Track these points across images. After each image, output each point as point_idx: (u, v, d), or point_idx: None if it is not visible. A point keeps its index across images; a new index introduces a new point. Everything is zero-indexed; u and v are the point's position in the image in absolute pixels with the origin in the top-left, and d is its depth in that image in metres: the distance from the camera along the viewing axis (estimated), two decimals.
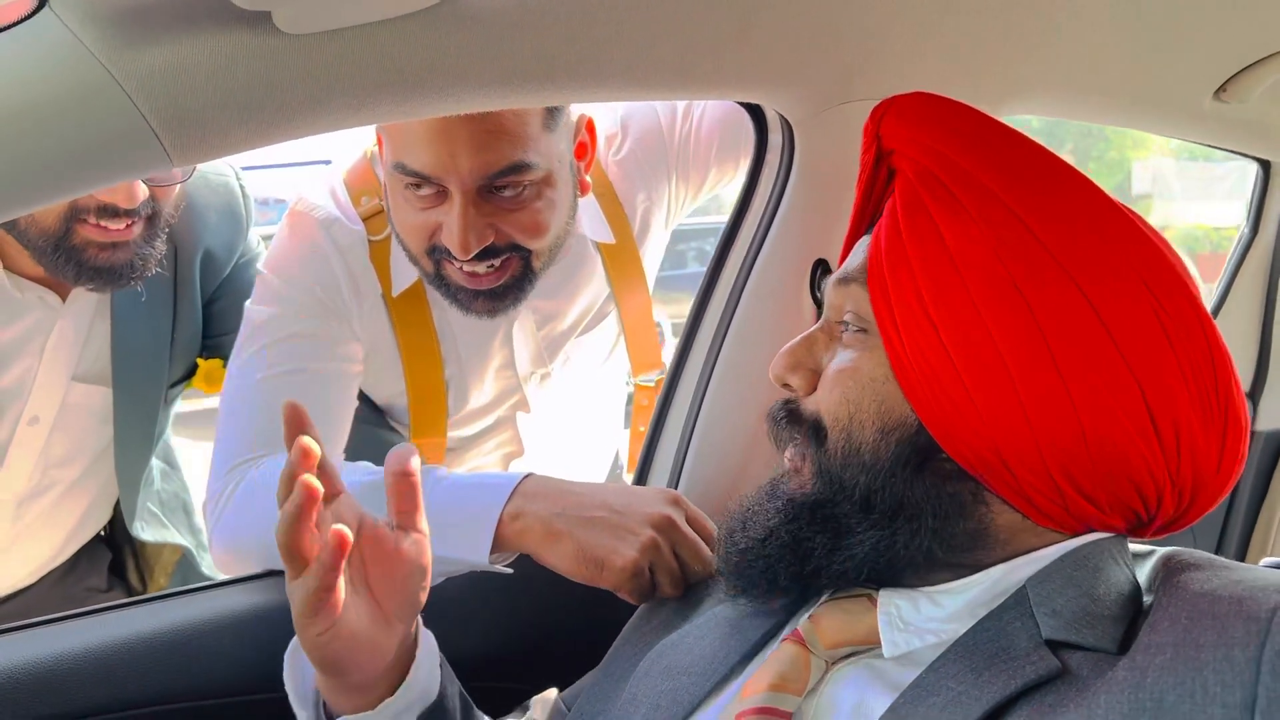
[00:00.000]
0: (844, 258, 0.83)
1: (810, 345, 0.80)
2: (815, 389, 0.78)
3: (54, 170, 0.73)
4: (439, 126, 1.10)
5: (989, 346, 0.70)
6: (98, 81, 0.70)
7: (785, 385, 0.80)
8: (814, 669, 0.73)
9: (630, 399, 1.58)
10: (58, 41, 0.69)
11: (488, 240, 1.16)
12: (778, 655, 0.74)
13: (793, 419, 0.79)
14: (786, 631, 0.77)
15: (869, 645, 0.74)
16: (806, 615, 0.77)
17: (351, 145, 1.35)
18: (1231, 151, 1.50)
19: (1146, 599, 0.70)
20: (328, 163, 1.35)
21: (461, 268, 1.19)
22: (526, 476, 1.04)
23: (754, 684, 0.73)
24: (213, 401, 1.28)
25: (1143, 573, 0.74)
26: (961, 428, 0.71)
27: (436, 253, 1.19)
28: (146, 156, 0.75)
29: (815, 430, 0.76)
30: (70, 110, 0.70)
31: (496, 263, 1.19)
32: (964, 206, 0.73)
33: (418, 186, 1.15)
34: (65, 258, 1.30)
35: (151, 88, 0.71)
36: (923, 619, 0.72)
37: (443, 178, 1.12)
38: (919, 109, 0.79)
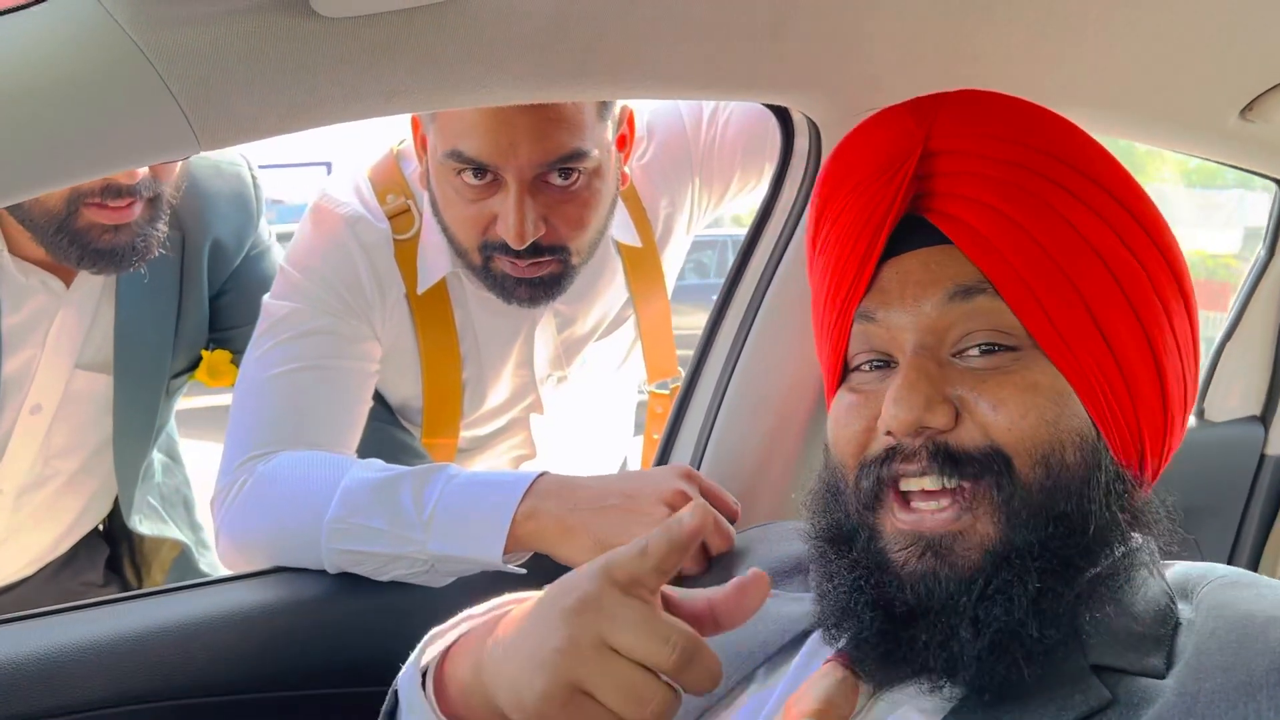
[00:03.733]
0: (864, 281, 0.74)
1: (930, 378, 0.68)
2: (957, 422, 0.68)
3: (81, 149, 0.72)
4: (498, 114, 1.09)
5: (1143, 339, 0.70)
6: (129, 60, 0.69)
7: (919, 430, 0.68)
8: (862, 694, 0.70)
9: (642, 407, 1.57)
10: (90, 17, 0.68)
11: (541, 231, 1.16)
12: (823, 678, 0.71)
13: (955, 459, 0.67)
14: (829, 650, 0.73)
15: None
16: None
17: (352, 148, 1.35)
18: (1253, 173, 1.49)
19: (1182, 608, 0.69)
20: (327, 164, 1.34)
21: (509, 258, 1.18)
22: (540, 475, 1.02)
23: (798, 705, 0.70)
24: (213, 399, 1.26)
25: (1170, 581, 0.73)
26: (1123, 428, 0.70)
27: (489, 248, 1.19)
28: (176, 138, 0.74)
29: (1000, 463, 0.67)
30: (101, 88, 0.69)
31: (541, 260, 1.19)
32: (1078, 198, 0.71)
33: (472, 175, 1.14)
34: (69, 240, 1.28)
35: (183, 67, 0.70)
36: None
37: (500, 165, 1.12)
38: (981, 105, 0.75)
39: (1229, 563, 1.75)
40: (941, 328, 0.71)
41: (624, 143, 1.26)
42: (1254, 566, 1.75)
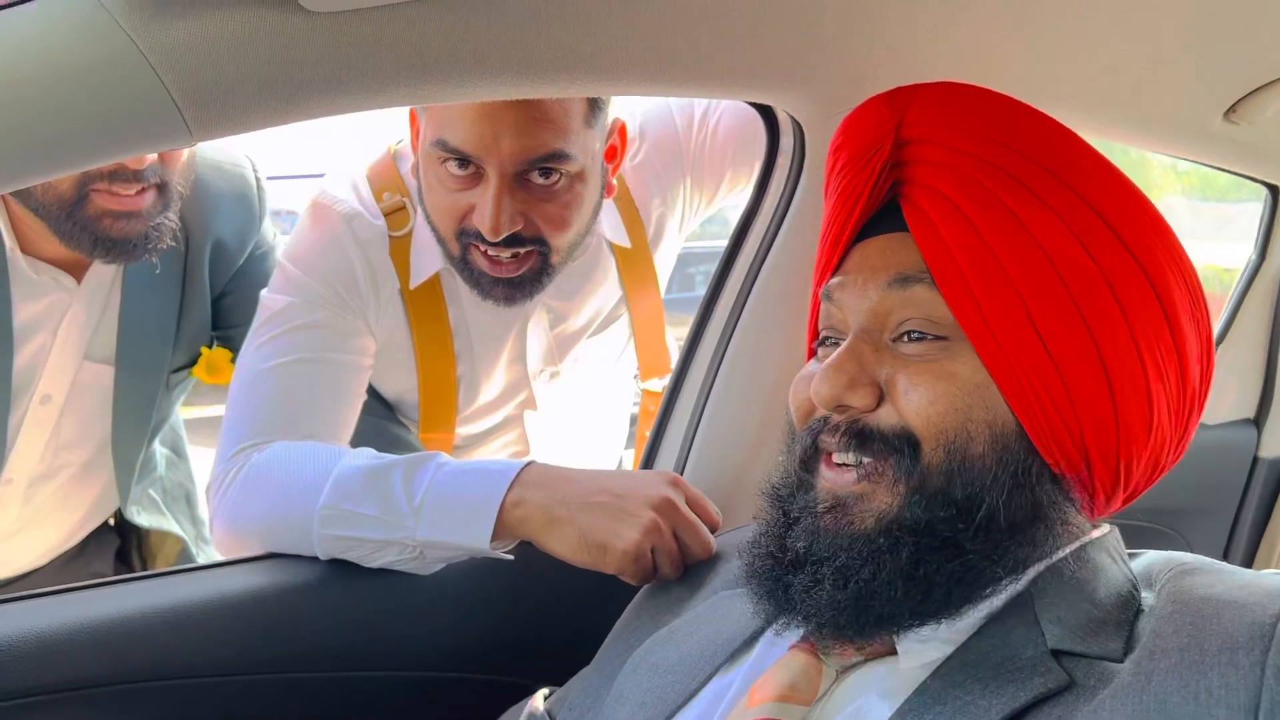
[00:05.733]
0: (834, 261, 0.78)
1: (859, 359, 0.72)
2: (880, 404, 0.72)
3: (76, 140, 0.74)
4: (485, 107, 1.12)
5: (1088, 342, 0.70)
6: (123, 52, 0.71)
7: (839, 407, 0.72)
8: (825, 678, 0.72)
9: (635, 420, 1.59)
10: (85, 11, 0.70)
11: (518, 226, 1.18)
12: (787, 664, 0.73)
13: (865, 437, 0.71)
14: (791, 637, 0.75)
15: (884, 653, 0.72)
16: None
17: (342, 160, 1.37)
18: (1240, 175, 1.50)
19: (1145, 595, 0.71)
20: (321, 176, 1.36)
21: (486, 252, 1.20)
22: (528, 464, 1.04)
23: (761, 691, 0.72)
24: (221, 409, 1.28)
25: (1135, 570, 0.74)
26: (1059, 429, 0.70)
27: (465, 236, 1.21)
28: (167, 129, 0.76)
29: (906, 445, 0.70)
30: (94, 80, 0.71)
31: (520, 252, 1.21)
32: (1038, 197, 0.71)
33: (456, 165, 1.17)
34: (80, 227, 1.31)
35: (175, 60, 0.72)
36: (944, 630, 0.70)
37: (482, 158, 1.15)
38: (956, 97, 0.75)
39: None
40: (882, 313, 0.74)
41: (613, 153, 1.28)
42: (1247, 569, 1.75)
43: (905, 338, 0.73)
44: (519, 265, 1.22)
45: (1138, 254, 0.71)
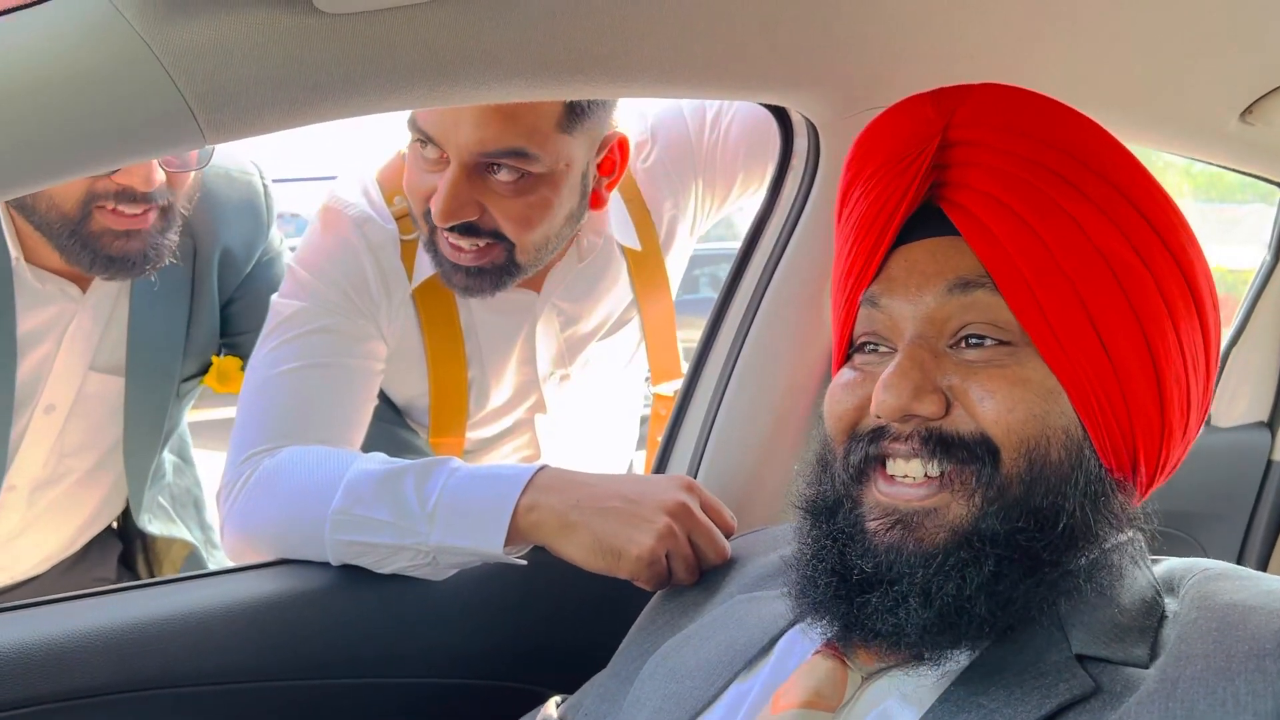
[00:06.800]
0: (873, 266, 0.75)
1: (922, 366, 0.70)
2: (948, 411, 0.70)
3: (88, 143, 0.73)
4: None
5: (1142, 344, 0.70)
6: (136, 55, 0.70)
7: (906, 417, 0.70)
8: (850, 684, 0.71)
9: (646, 422, 1.58)
10: (98, 13, 0.70)
11: (470, 216, 1.18)
12: (811, 669, 0.72)
13: (948, 444, 0.69)
14: (814, 641, 0.74)
15: (909, 658, 0.70)
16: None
17: (352, 163, 1.37)
18: (1255, 176, 1.50)
19: (1168, 601, 0.70)
20: (333, 178, 1.36)
21: (448, 238, 1.20)
22: (541, 468, 1.04)
23: (786, 697, 0.71)
24: (227, 411, 1.28)
25: (1158, 575, 0.74)
26: (1115, 432, 0.70)
27: (429, 217, 1.21)
28: (181, 132, 0.75)
29: (986, 453, 0.69)
30: (108, 83, 0.71)
31: (480, 244, 1.21)
32: (1087, 197, 0.70)
33: (424, 146, 1.18)
34: (81, 244, 1.30)
35: (189, 63, 0.72)
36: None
37: (442, 142, 1.15)
38: (1004, 99, 0.74)
39: None
40: (940, 319, 0.72)
41: (610, 167, 1.27)
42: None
43: (963, 343, 0.71)
44: (479, 256, 1.21)
45: (1176, 253, 0.71)
